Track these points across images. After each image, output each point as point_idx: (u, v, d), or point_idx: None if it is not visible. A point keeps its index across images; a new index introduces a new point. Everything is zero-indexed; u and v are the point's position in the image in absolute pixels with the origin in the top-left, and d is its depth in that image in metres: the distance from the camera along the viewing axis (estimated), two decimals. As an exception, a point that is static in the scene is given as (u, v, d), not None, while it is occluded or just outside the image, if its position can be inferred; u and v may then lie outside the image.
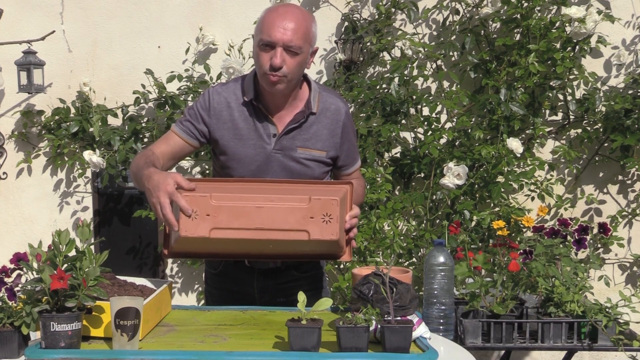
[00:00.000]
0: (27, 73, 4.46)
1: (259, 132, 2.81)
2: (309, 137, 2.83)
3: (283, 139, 2.81)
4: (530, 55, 4.16)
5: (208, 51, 4.62)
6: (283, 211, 2.42)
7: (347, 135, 2.91)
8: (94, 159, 4.32)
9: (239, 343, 2.32)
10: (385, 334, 2.19)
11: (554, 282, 3.00)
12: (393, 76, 4.29)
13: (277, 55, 2.66)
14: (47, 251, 2.27)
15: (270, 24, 2.68)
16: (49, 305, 2.20)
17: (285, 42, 2.66)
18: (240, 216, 2.42)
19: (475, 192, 4.34)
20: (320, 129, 2.85)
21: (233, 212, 2.42)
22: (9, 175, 4.75)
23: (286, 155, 2.82)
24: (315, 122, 2.84)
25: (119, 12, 4.66)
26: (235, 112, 2.82)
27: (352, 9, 4.52)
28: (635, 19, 4.45)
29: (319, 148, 2.85)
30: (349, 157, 2.95)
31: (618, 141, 4.23)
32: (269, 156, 2.81)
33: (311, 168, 2.85)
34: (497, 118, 4.26)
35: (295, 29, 2.67)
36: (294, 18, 2.69)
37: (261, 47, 2.70)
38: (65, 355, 2.15)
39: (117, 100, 4.65)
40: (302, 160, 2.83)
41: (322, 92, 2.89)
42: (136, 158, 2.77)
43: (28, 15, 4.65)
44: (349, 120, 2.93)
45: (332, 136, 2.86)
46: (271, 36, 2.66)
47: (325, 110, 2.86)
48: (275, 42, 2.66)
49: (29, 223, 4.79)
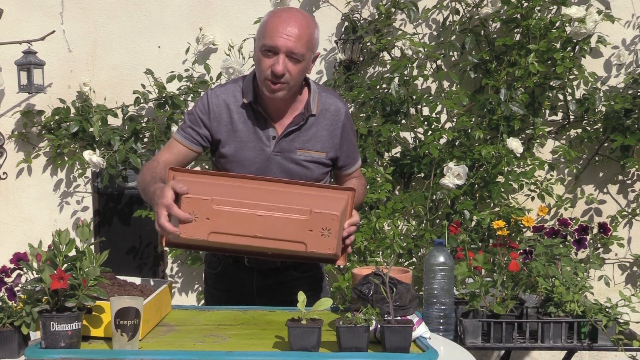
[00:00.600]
0: (27, 73, 4.46)
1: (259, 135, 2.80)
2: (308, 139, 2.83)
3: (282, 141, 2.81)
4: (530, 55, 4.16)
5: (208, 51, 4.62)
6: (283, 221, 2.42)
7: (347, 135, 2.91)
8: (94, 159, 4.33)
9: (239, 343, 2.33)
10: (385, 334, 2.19)
11: (553, 282, 3.00)
12: (393, 76, 4.29)
13: (280, 62, 2.64)
14: (47, 251, 2.27)
15: (273, 29, 2.65)
16: (49, 305, 2.21)
17: (289, 49, 2.64)
18: (239, 223, 2.42)
19: (475, 192, 4.34)
20: (319, 130, 2.85)
21: (233, 218, 2.42)
22: (9, 175, 4.76)
23: (285, 157, 2.82)
24: (314, 123, 2.84)
25: (119, 12, 4.66)
26: (234, 115, 2.81)
27: (352, 9, 4.52)
28: (635, 18, 4.45)
29: (318, 149, 2.85)
30: (349, 158, 2.95)
31: (618, 141, 4.23)
32: (269, 158, 2.81)
33: (310, 170, 2.85)
34: (497, 118, 4.27)
35: (299, 35, 2.65)
36: (297, 24, 2.66)
37: (263, 52, 2.67)
38: (65, 355, 2.16)
39: (117, 100, 4.66)
40: (301, 162, 2.83)
41: (321, 93, 2.88)
42: (142, 171, 2.75)
43: (28, 15, 4.65)
44: (349, 121, 2.93)
45: (332, 137, 2.86)
46: (274, 42, 2.64)
47: (325, 112, 2.86)
48: (278, 48, 2.64)
49: (29, 223, 4.79)
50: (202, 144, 2.85)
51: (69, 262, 2.27)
